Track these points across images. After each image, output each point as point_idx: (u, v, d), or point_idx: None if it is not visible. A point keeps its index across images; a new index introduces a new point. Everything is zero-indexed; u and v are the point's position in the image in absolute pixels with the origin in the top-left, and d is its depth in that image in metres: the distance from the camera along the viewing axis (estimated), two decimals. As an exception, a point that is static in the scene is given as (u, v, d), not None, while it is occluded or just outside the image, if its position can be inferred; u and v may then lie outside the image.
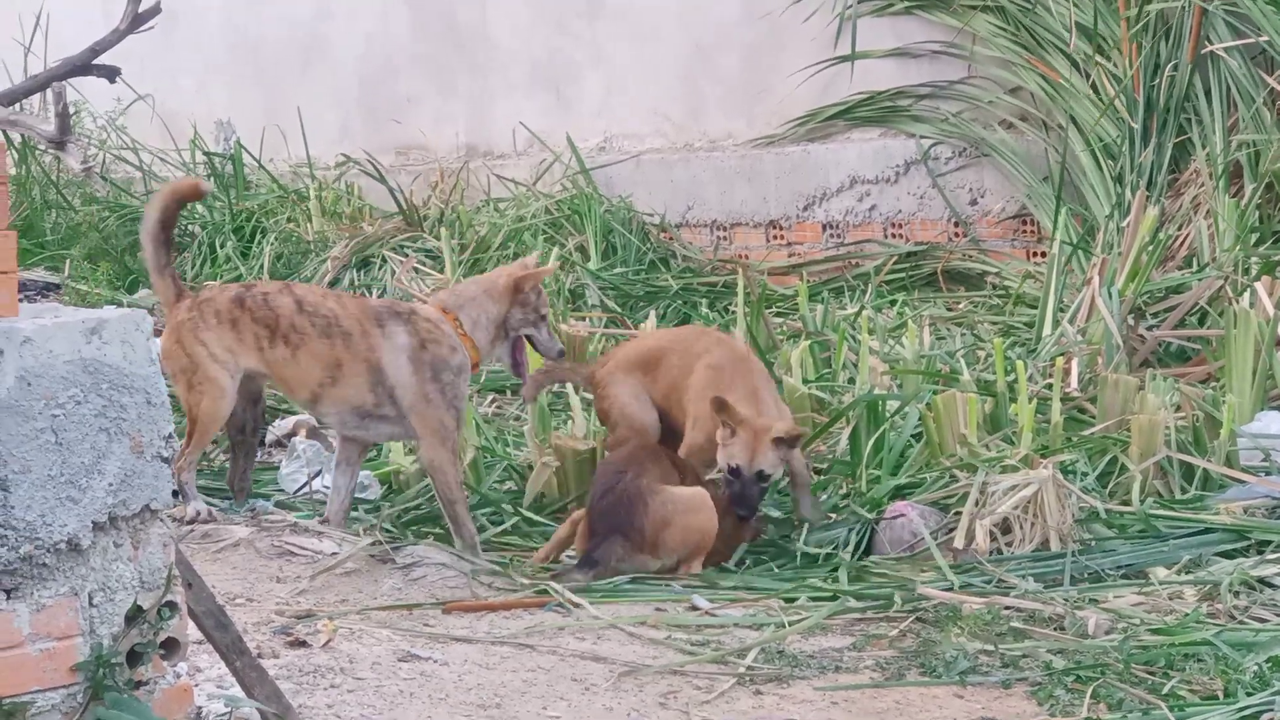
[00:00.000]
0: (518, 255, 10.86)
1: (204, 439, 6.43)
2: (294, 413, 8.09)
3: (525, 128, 12.02)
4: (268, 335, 6.29)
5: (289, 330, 6.27)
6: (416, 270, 10.94)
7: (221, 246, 11.73)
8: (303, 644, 5.08)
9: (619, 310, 10.10)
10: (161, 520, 3.76)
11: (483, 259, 10.93)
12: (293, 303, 6.32)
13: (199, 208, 11.76)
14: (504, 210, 11.50)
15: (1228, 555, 5.70)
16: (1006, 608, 5.36)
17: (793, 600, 5.61)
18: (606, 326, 9.67)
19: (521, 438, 7.41)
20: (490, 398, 8.55)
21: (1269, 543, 5.73)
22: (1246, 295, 7.75)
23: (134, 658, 3.74)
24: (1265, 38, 9.12)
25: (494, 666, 5.00)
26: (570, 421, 7.13)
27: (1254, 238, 8.53)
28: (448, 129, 12.48)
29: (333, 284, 11.32)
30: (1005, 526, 5.93)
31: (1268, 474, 6.32)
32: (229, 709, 4.20)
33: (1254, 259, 8.27)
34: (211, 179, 12.12)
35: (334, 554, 6.07)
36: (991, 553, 5.85)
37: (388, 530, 6.34)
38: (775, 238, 11.17)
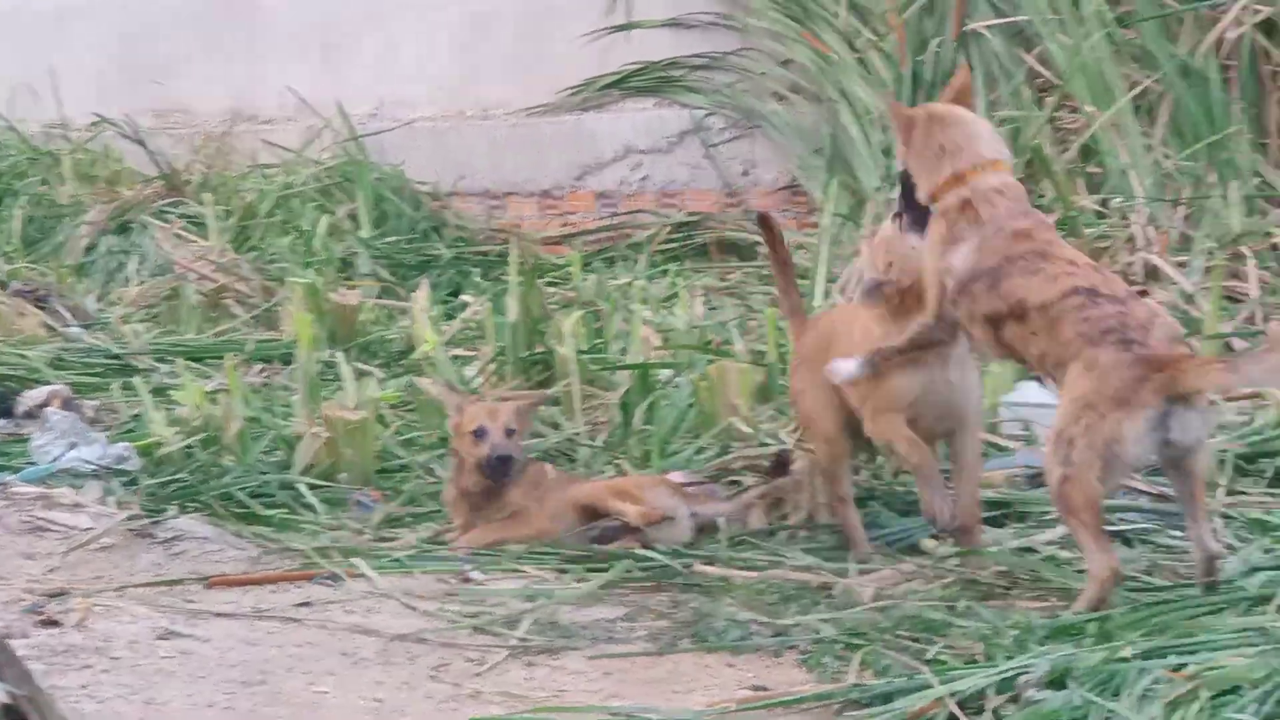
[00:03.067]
0: (286, 223, 10.72)
1: None
2: (47, 382, 7.87)
3: (294, 92, 11.82)
4: None
5: None
6: (179, 236, 10.71)
7: (-35, 210, 11.35)
8: (54, 623, 4.94)
9: (391, 279, 10.01)
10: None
11: (249, 226, 10.75)
12: None
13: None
14: (272, 177, 11.31)
15: (993, 524, 5.82)
16: (777, 579, 5.42)
17: (566, 571, 5.60)
18: (379, 296, 9.57)
19: (290, 408, 7.29)
20: (259, 367, 8.41)
21: (1029, 513, 5.87)
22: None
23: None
24: (1025, 17, 9.32)
25: (259, 642, 4.92)
26: (340, 390, 7.05)
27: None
28: (213, 91, 12.22)
29: (89, 249, 11.02)
30: (777, 499, 5.99)
31: (1028, 444, 6.47)
32: (-24, 691, 4.08)
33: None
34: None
35: (89, 529, 5.91)
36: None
37: (147, 504, 6.19)
38: (549, 207, 11.16)
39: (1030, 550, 5.58)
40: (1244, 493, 6.01)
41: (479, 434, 5.96)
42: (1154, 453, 4.94)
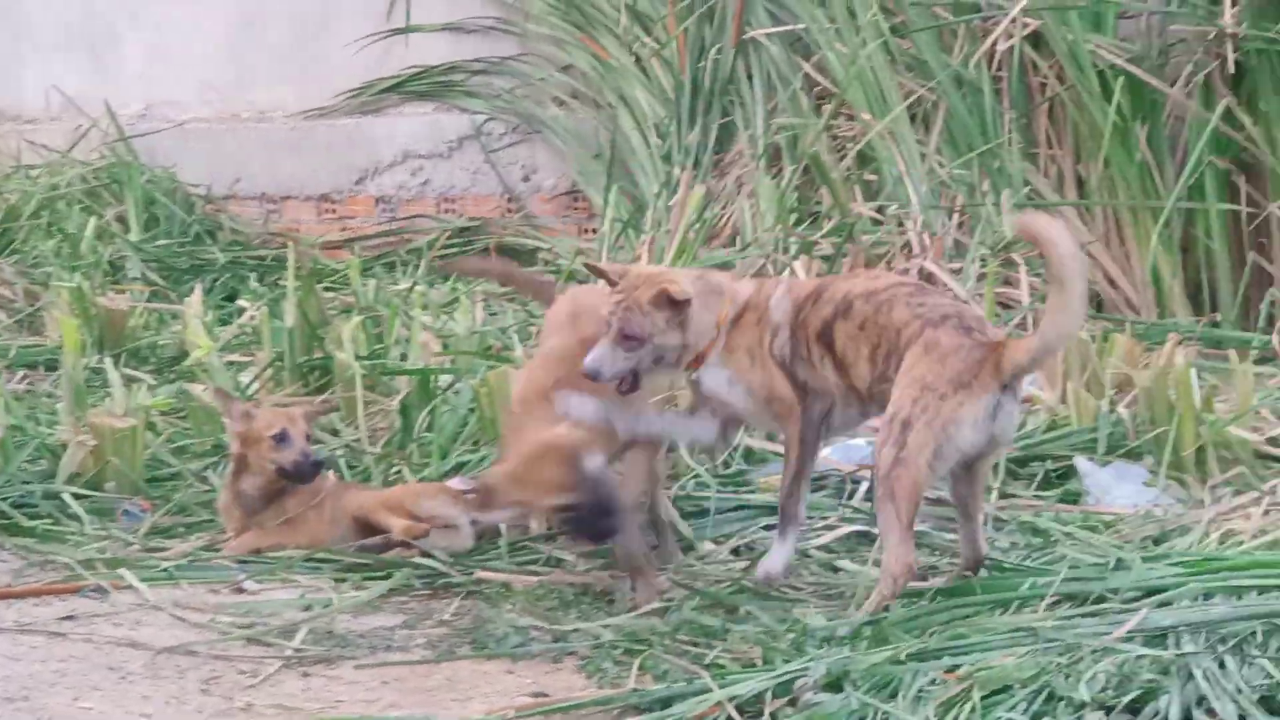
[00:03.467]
0: (52, 226, 10.45)
1: None
2: None
3: (59, 91, 11.53)
4: None
5: None
6: (-61, 240, 10.38)
7: None
8: None
9: (162, 284, 9.81)
10: None
11: (12, 228, 10.46)
12: None
13: None
14: (36, 178, 11.01)
15: (769, 529, 5.87)
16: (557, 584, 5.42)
17: (343, 580, 5.53)
18: (149, 300, 9.37)
19: (55, 415, 7.10)
20: (21, 374, 8.17)
21: (808, 519, 5.91)
22: (786, 273, 8.03)
23: None
24: (803, 25, 9.44)
25: (21, 657, 4.79)
26: (109, 398, 6.88)
27: (793, 218, 8.83)
28: (-29, 90, 11.85)
29: None
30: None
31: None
32: None
33: (793, 239, 8.56)
34: None
35: None
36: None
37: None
38: (327, 211, 11.03)
39: (806, 554, 5.64)
40: (1015, 496, 6.15)
41: (281, 439, 5.84)
42: (984, 442, 5.01)
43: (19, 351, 8.32)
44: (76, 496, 6.24)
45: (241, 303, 9.07)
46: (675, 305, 5.17)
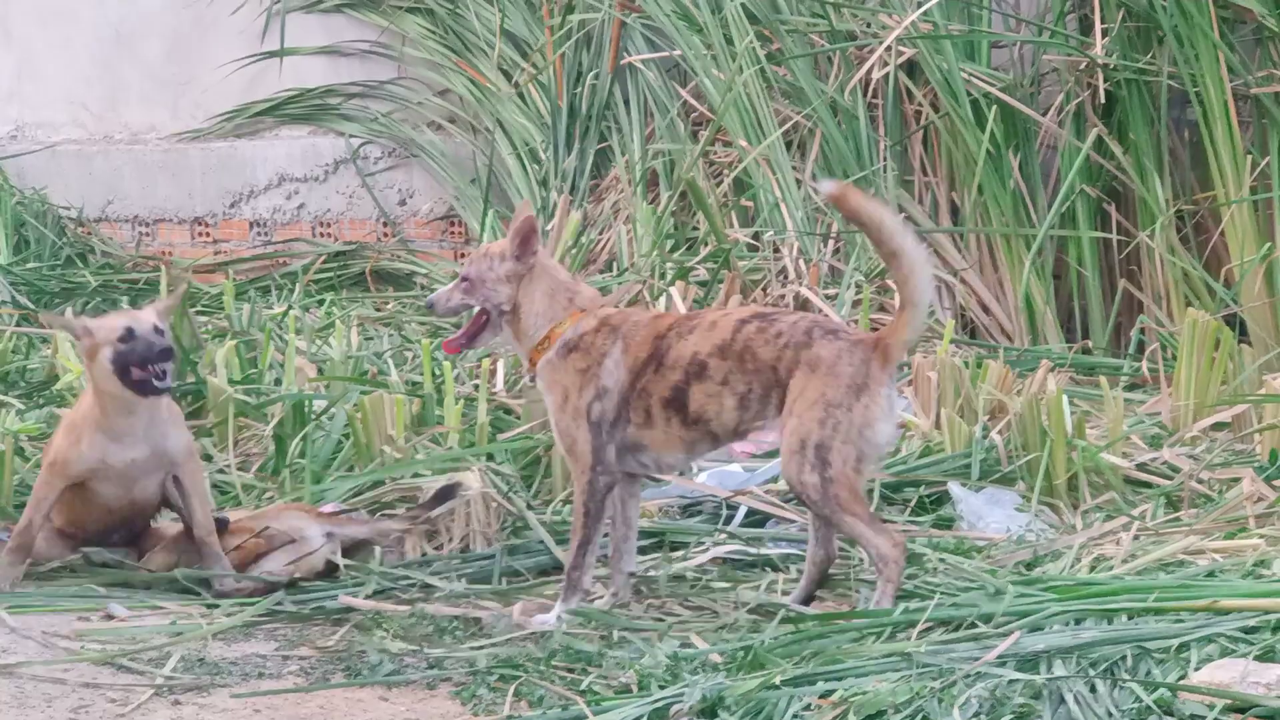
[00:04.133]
0: (-82, 245, 10.27)
1: None
2: None
3: (-72, 111, 11.35)
4: None
5: None
6: None
7: None
8: None
9: (32, 307, 9.67)
10: None
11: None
12: None
13: None
14: (-97, 199, 10.83)
15: (647, 553, 5.88)
16: (432, 611, 5.39)
17: (214, 607, 5.47)
18: (18, 324, 9.23)
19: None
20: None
21: (684, 544, 5.94)
22: (663, 299, 8.05)
23: None
24: (679, 52, 9.49)
25: (-114, 687, 4.69)
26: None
27: (669, 243, 8.87)
28: None
29: None
30: (431, 529, 5.96)
31: (680, 473, 6.54)
32: None
33: (669, 264, 8.59)
34: None
35: None
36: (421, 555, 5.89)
37: None
38: (201, 235, 10.94)
39: (682, 578, 5.65)
40: (889, 521, 6.18)
41: (127, 336, 5.59)
42: (894, 434, 5.11)
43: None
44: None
45: (113, 326, 8.94)
46: (520, 253, 5.27)
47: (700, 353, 5.19)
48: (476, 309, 5.39)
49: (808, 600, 5.29)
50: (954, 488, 6.30)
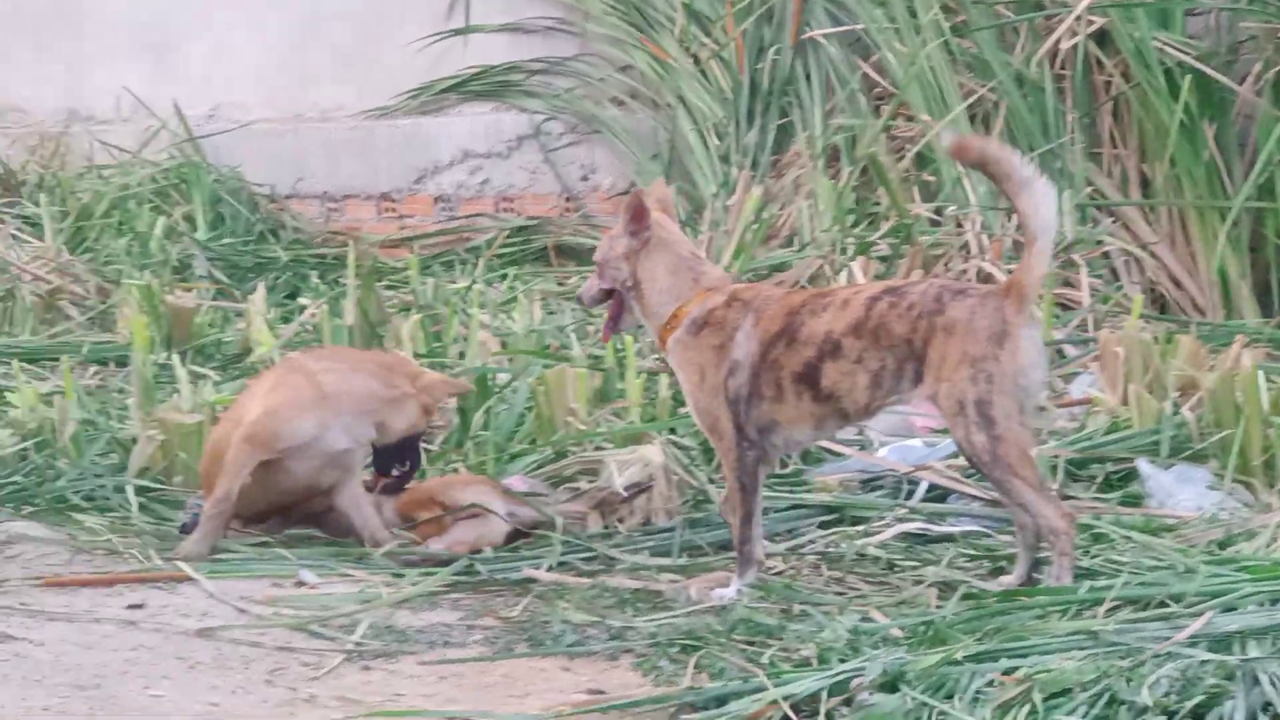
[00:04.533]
0: (123, 224, 10.56)
1: None
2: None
3: (130, 92, 11.64)
4: None
5: None
6: (15, 237, 10.51)
7: None
8: (-115, 627, 4.84)
9: (227, 281, 9.90)
10: None
11: (85, 227, 10.58)
12: None
13: None
14: (108, 178, 11.13)
15: (823, 527, 5.88)
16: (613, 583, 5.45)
17: (400, 576, 5.58)
18: (215, 298, 9.46)
19: (125, 411, 7.19)
20: (94, 369, 8.27)
21: (865, 518, 5.93)
22: (844, 274, 8.03)
23: None
24: (861, 25, 9.44)
25: (94, 646, 4.85)
26: (176, 393, 6.96)
27: (850, 218, 8.83)
28: (46, 91, 11.98)
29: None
30: (611, 501, 6.01)
31: (861, 448, 6.55)
32: None
33: (850, 239, 8.56)
34: None
35: (-84, 531, 5.79)
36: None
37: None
38: (387, 210, 11.09)
39: (863, 554, 5.65)
40: (1074, 498, 6.13)
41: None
42: (1045, 376, 5.10)
43: (91, 348, 8.41)
44: (146, 490, 6.32)
45: (303, 301, 9.14)
46: (634, 229, 5.33)
47: (834, 331, 5.18)
48: (612, 292, 5.45)
49: (1029, 578, 5.22)
50: (1142, 465, 6.21)
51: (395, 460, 5.88)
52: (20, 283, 9.57)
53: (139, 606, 5.19)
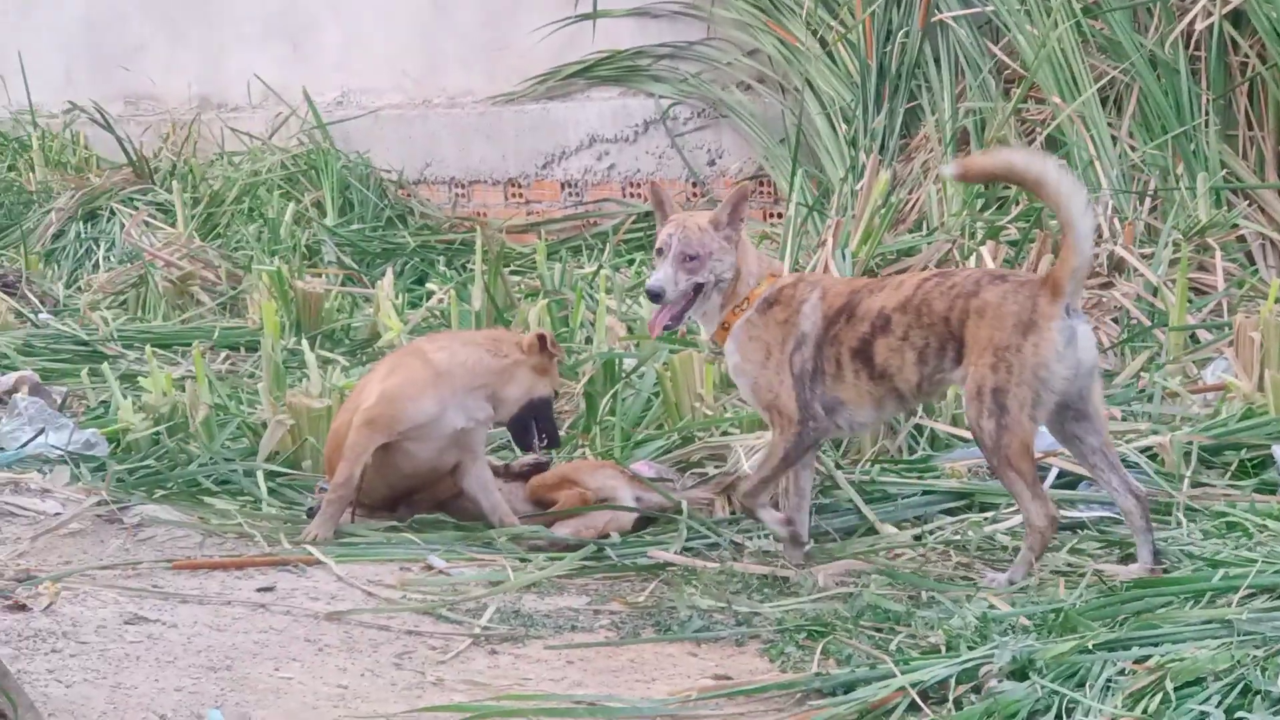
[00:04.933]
0: (253, 210, 10.70)
1: None
2: (15, 368, 7.85)
3: (260, 80, 11.79)
4: None
5: None
6: (147, 224, 10.68)
7: (-65, 195, 11.30)
8: (23, 607, 4.92)
9: (355, 267, 9.99)
10: None
11: (216, 213, 10.73)
12: None
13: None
14: (239, 164, 11.29)
15: (951, 514, 5.84)
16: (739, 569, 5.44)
17: (526, 561, 5.60)
18: (343, 284, 9.55)
19: (255, 395, 7.28)
20: (225, 354, 8.38)
21: (993, 505, 5.88)
22: (973, 259, 7.95)
23: None
24: (991, 7, 9.33)
25: (225, 628, 4.91)
26: (305, 378, 7.04)
27: (980, 203, 8.74)
28: (179, 79, 12.19)
29: (58, 236, 11.00)
30: (738, 486, 6.00)
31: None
32: (-60, 677, 4.06)
33: (979, 223, 8.48)
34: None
35: (57, 514, 5.89)
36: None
37: (115, 489, 6.17)
38: (514, 195, 11.14)
39: (993, 540, 5.60)
40: (1208, 485, 6.04)
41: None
42: (1074, 374, 5.04)
43: (222, 333, 8.53)
44: (275, 474, 6.40)
45: (430, 286, 9.20)
46: (735, 221, 5.40)
47: (886, 307, 5.26)
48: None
49: (1157, 557, 5.19)
50: (1278, 451, 6.11)
51: (529, 433, 5.89)
52: (153, 269, 9.72)
53: (269, 589, 5.25)
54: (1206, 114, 8.69)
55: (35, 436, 6.78)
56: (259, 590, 5.24)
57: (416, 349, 6.02)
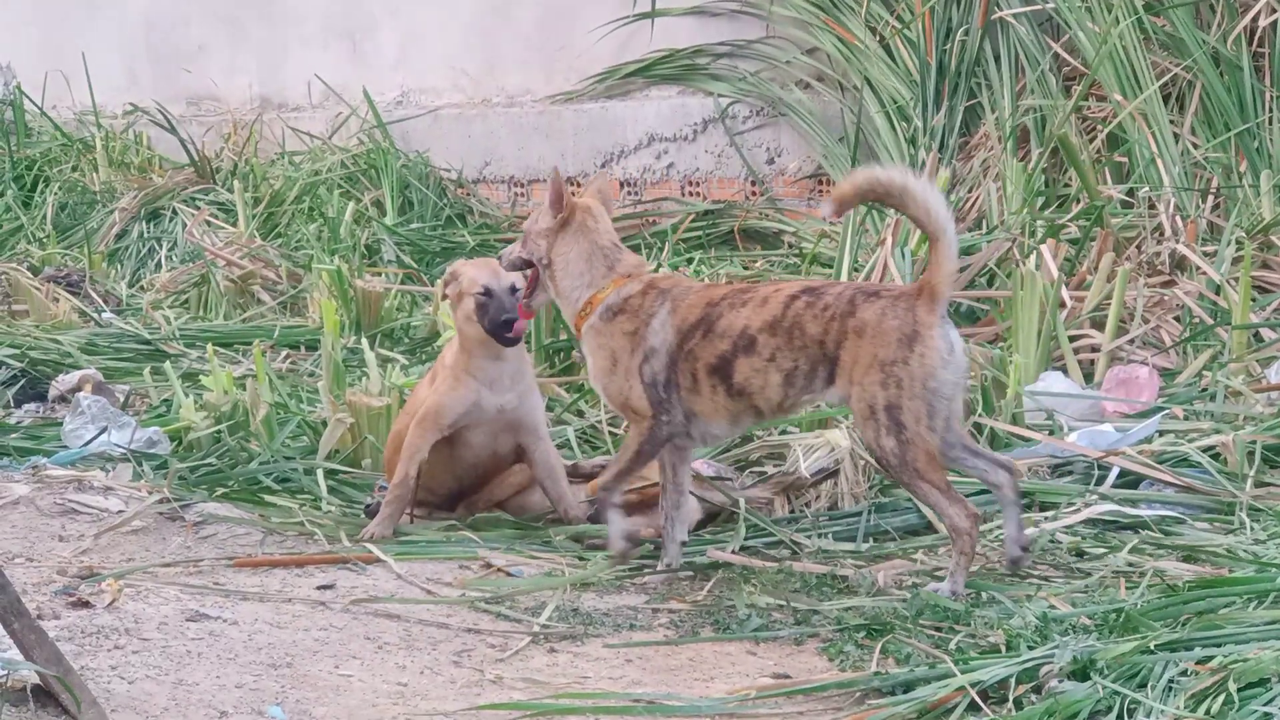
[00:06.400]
0: (313, 209, 10.75)
1: None
2: (78, 367, 7.92)
3: (320, 80, 11.85)
4: None
5: None
6: (209, 223, 10.75)
7: (0, 195, 11.40)
8: (86, 604, 4.97)
9: (415, 266, 10.03)
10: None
11: (277, 212, 10.79)
12: None
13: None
14: (299, 164, 11.35)
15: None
16: (798, 568, 5.43)
17: (585, 559, 5.61)
18: (403, 283, 9.58)
19: (315, 394, 7.31)
20: (285, 353, 8.43)
21: (1054, 504, 5.85)
22: (1033, 257, 7.91)
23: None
24: (1051, 4, 9.29)
25: (285, 625, 4.93)
26: (365, 377, 7.06)
27: (1040, 201, 8.70)
28: (240, 80, 12.27)
29: (121, 235, 11.09)
30: (797, 485, 5.99)
31: (1050, 433, 6.46)
32: (6, 673, 4.09)
33: (1040, 222, 8.44)
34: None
35: (120, 512, 5.94)
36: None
37: (177, 488, 6.21)
38: (573, 194, 11.14)
39: (1053, 539, 5.57)
40: (1272, 485, 5.99)
41: (485, 294, 5.92)
42: (959, 378, 5.03)
43: (282, 332, 8.57)
44: (335, 473, 6.44)
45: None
46: (555, 209, 5.46)
47: (750, 327, 5.19)
48: (531, 264, 5.52)
49: (1024, 542, 5.17)
50: (1341, 451, 6.06)
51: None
52: (214, 268, 9.79)
53: (329, 587, 5.28)
54: (1270, 111, 8.62)
55: (98, 435, 6.84)
56: (319, 588, 5.27)
57: (449, 345, 6.17)
